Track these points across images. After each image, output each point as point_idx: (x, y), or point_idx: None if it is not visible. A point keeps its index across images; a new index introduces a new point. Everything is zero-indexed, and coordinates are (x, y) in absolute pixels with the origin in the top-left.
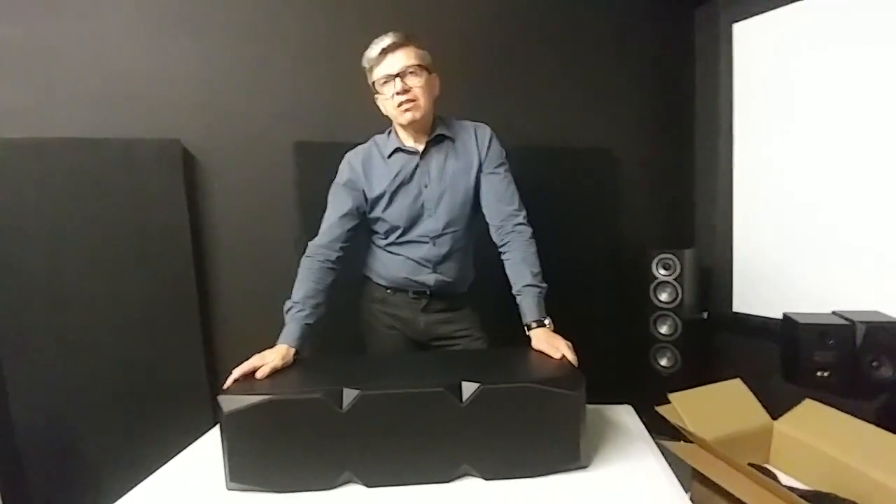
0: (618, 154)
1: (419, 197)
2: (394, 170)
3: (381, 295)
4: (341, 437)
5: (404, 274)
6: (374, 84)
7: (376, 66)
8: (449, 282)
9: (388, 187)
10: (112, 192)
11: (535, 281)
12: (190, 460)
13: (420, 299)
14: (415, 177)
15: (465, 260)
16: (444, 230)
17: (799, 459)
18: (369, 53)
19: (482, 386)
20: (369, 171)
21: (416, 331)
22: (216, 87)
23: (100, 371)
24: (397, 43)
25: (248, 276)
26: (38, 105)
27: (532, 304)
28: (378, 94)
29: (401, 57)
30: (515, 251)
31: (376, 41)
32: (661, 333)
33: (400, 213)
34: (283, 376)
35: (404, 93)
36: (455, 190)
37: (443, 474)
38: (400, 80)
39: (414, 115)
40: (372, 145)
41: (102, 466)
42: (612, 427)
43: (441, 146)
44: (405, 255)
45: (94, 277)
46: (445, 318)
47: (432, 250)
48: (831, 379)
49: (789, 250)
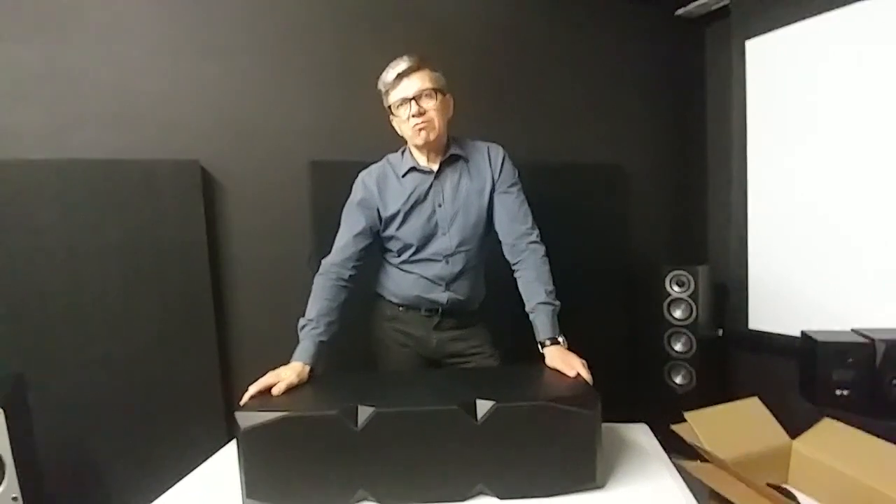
0: (630, 170)
1: (433, 216)
2: (408, 189)
3: (393, 313)
4: (356, 454)
5: (417, 292)
6: (391, 107)
7: (392, 89)
8: (461, 300)
9: (403, 206)
10: (132, 212)
11: (549, 298)
12: (206, 476)
13: (432, 317)
14: (429, 196)
15: (477, 278)
16: (458, 249)
17: (818, 479)
18: (385, 77)
19: (497, 404)
20: (384, 189)
21: (428, 348)
22: (234, 108)
23: (118, 386)
24: (412, 67)
25: (264, 293)
26: (59, 127)
27: (546, 321)
28: (394, 117)
29: (416, 81)
30: (529, 269)
31: (392, 65)
32: (675, 351)
33: (414, 232)
34: (299, 393)
35: (420, 115)
36: (468, 209)
37: (457, 493)
38: (415, 103)
39: (429, 135)
40: (386, 164)
41: (120, 479)
42: (628, 446)
43: (455, 166)
44: (418, 273)
45: (114, 296)
46: (458, 336)
47: (445, 268)
48: (851, 397)
49: (806, 266)
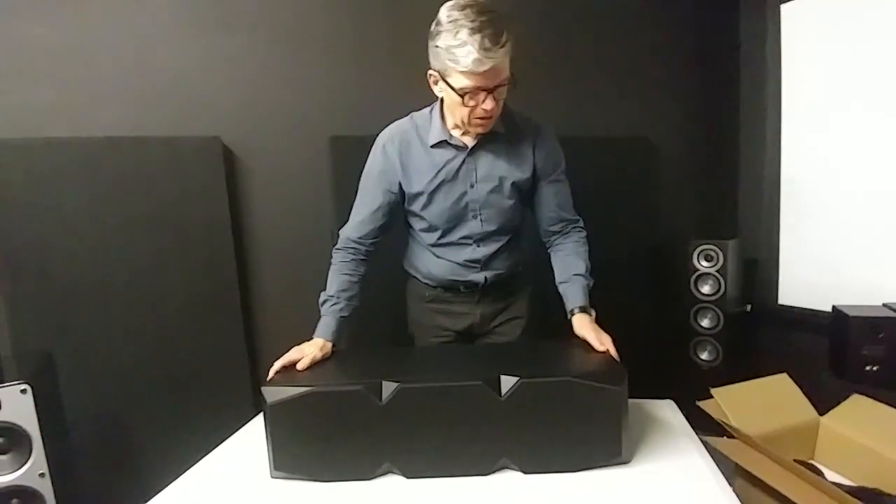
0: (658, 142)
1: (463, 197)
2: (437, 164)
3: (431, 294)
4: (381, 428)
5: (449, 276)
6: (449, 82)
7: (460, 69)
8: (502, 273)
9: (428, 185)
10: (156, 188)
11: (585, 273)
12: (235, 448)
13: (474, 292)
14: (460, 174)
15: (515, 248)
16: (490, 233)
17: (846, 456)
18: (459, 54)
19: (521, 380)
20: (407, 162)
21: (471, 322)
22: (254, 84)
23: (145, 361)
24: (496, 41)
25: (287, 267)
26: (81, 104)
27: (579, 291)
28: (445, 87)
29: (497, 66)
30: (568, 245)
31: (470, 38)
32: (701, 327)
33: (441, 213)
34: (325, 368)
35: (488, 116)
36: (504, 192)
37: (482, 467)
38: (491, 98)
39: (486, 129)
40: (411, 128)
41: (149, 453)
42: (654, 422)
43: (494, 142)
44: (448, 259)
45: (139, 271)
46: (502, 307)
47: (477, 251)
48: (881, 373)
49: (839, 241)
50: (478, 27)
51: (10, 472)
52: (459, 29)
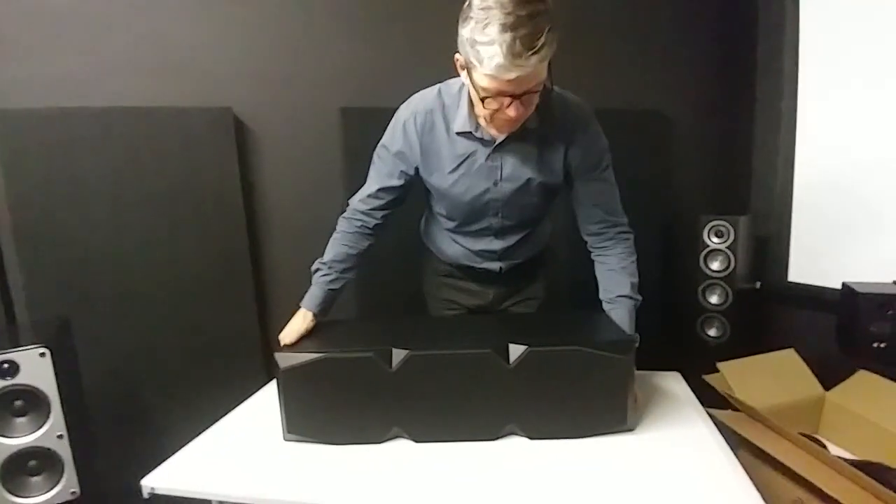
0: (671, 115)
1: (485, 194)
2: (459, 154)
3: (447, 269)
4: (391, 394)
5: (465, 261)
6: (472, 77)
7: (485, 72)
8: (520, 262)
9: (448, 177)
10: (167, 158)
11: (632, 293)
12: (248, 413)
13: (488, 273)
14: (483, 170)
15: (537, 236)
16: (511, 226)
17: (850, 430)
18: (484, 54)
19: (529, 348)
20: (428, 146)
21: (483, 301)
22: (265, 55)
23: (160, 329)
24: (529, 47)
25: (298, 238)
26: (94, 75)
27: (625, 318)
28: (469, 82)
29: (528, 74)
30: (614, 256)
31: (500, 36)
32: (710, 303)
33: (460, 207)
34: (337, 334)
35: (513, 120)
36: (530, 191)
37: (489, 432)
38: (517, 105)
39: (510, 132)
40: (437, 107)
41: (164, 417)
42: (660, 393)
43: (524, 139)
44: (464, 246)
45: (152, 241)
46: (516, 290)
47: (495, 242)
48: (889, 350)
49: (851, 219)
50: (511, 24)
51: (29, 433)
52: (490, 21)
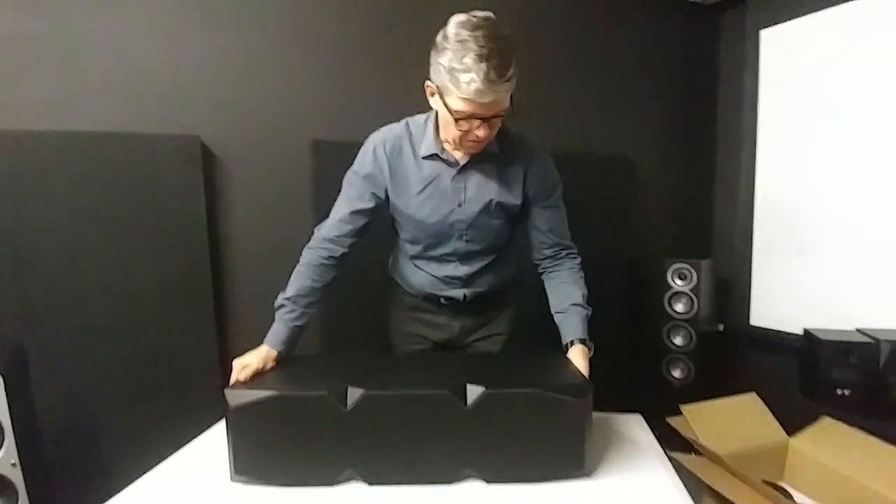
0: (635, 160)
1: (450, 215)
2: (426, 176)
3: (413, 302)
4: (345, 435)
5: (430, 289)
6: (446, 101)
7: (460, 94)
8: (484, 291)
9: (415, 198)
10: (132, 185)
11: (584, 302)
12: (197, 452)
13: (454, 305)
14: (448, 192)
15: (501, 266)
16: (474, 252)
17: (814, 478)
18: (462, 79)
19: (487, 390)
20: (396, 169)
21: (449, 335)
22: (236, 84)
23: (117, 360)
24: (501, 74)
25: (262, 270)
26: (62, 99)
27: (578, 322)
28: (440, 106)
29: (497, 99)
30: (565, 271)
31: (476, 65)
32: (674, 344)
33: (425, 229)
34: (292, 371)
35: (479, 140)
36: (492, 213)
37: (445, 476)
38: (485, 126)
39: (475, 152)
40: (405, 134)
41: (118, 448)
42: (620, 437)
43: (486, 161)
44: (429, 272)
45: (113, 269)
46: (482, 323)
47: (459, 269)
48: (852, 398)
49: (811, 264)
50: (486, 55)
51: None
52: (467, 52)
